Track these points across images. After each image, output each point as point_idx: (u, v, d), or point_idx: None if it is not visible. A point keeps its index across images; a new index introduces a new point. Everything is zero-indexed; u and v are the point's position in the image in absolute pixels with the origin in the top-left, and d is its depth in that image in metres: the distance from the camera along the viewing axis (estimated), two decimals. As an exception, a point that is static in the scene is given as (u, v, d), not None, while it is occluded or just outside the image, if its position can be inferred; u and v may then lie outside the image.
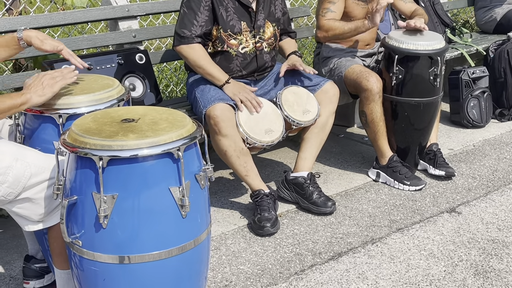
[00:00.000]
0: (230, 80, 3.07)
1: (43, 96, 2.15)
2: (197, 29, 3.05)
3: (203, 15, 3.05)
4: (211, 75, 3.08)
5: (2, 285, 2.64)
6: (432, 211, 3.23)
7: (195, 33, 3.05)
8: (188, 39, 3.05)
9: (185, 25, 3.06)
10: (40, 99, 2.15)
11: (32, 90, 2.14)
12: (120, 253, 1.91)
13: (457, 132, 4.35)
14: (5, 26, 3.13)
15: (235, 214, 3.22)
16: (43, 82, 2.17)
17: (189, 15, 3.06)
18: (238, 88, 3.05)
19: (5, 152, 2.03)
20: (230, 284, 2.62)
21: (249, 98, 3.01)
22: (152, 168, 1.88)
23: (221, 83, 3.07)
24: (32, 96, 2.13)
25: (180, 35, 3.06)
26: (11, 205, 2.08)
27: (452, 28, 4.66)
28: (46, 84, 2.16)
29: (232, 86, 3.06)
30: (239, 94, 3.02)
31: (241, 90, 3.05)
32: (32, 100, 2.12)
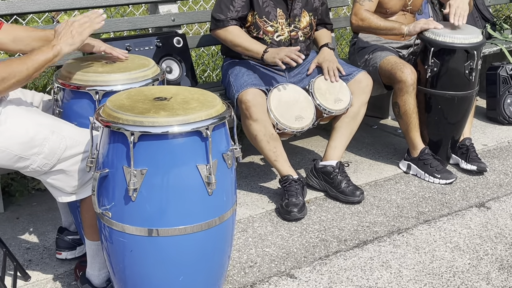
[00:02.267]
0: (268, 49, 3.07)
1: (73, 45, 2.19)
2: (232, 14, 3.09)
3: (240, 0, 3.09)
4: (249, 50, 3.10)
5: (36, 254, 2.75)
6: (461, 205, 3.22)
7: (231, 17, 3.09)
8: (224, 23, 3.09)
9: (221, 9, 3.10)
10: (71, 47, 2.18)
11: (61, 40, 2.18)
12: (148, 226, 1.98)
13: (493, 128, 4.31)
14: (49, 5, 3.23)
15: (263, 198, 3.27)
16: (72, 31, 2.19)
17: (226, 0, 3.10)
18: (276, 51, 3.04)
19: (42, 125, 2.11)
20: (255, 265, 2.67)
21: (287, 53, 2.98)
22: (180, 145, 1.94)
23: (260, 54, 3.07)
24: (62, 46, 2.16)
25: (216, 19, 3.11)
26: (46, 176, 2.17)
27: (492, 23, 4.61)
28: (75, 32, 2.19)
29: (270, 53, 3.05)
30: (277, 55, 3.00)
31: (278, 51, 3.03)
32: (63, 50, 2.16)
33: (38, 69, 2.10)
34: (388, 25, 3.43)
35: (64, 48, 2.16)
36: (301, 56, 3.00)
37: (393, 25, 3.43)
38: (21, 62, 2.07)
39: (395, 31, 3.44)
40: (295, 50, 3.01)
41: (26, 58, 2.09)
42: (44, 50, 2.13)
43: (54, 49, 2.14)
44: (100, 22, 2.26)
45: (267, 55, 3.05)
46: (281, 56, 2.99)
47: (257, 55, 3.09)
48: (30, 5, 3.18)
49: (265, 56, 3.06)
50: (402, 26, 3.41)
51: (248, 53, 3.11)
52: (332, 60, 3.23)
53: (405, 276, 2.60)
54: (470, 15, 4.44)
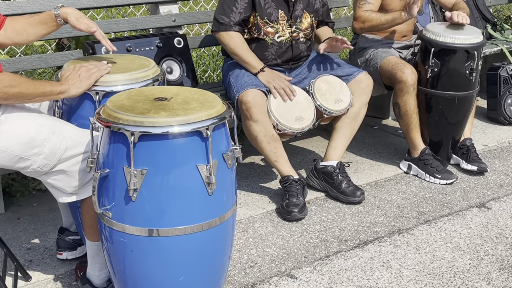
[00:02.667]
0: (265, 69, 3.12)
1: (80, 88, 2.26)
2: (235, 16, 3.10)
3: (243, 2, 3.10)
4: (246, 63, 3.13)
5: (37, 254, 2.75)
6: (462, 205, 3.22)
7: (234, 20, 3.10)
8: (226, 26, 3.10)
9: (224, 11, 3.10)
10: (78, 90, 2.25)
11: (70, 82, 2.25)
12: (148, 226, 1.99)
13: (493, 128, 4.31)
14: (50, 5, 3.22)
15: (264, 199, 3.27)
16: (80, 75, 2.27)
17: (229, 2, 3.10)
18: (272, 76, 3.10)
19: (43, 125, 2.12)
20: (255, 266, 2.67)
21: (282, 86, 3.06)
22: (181, 146, 1.94)
23: (256, 70, 3.11)
24: (70, 87, 2.24)
25: (219, 21, 3.12)
26: (46, 176, 2.18)
27: (493, 23, 4.61)
28: (83, 77, 2.27)
29: (266, 74, 3.10)
30: (273, 81, 3.06)
31: (275, 78, 3.09)
32: (70, 91, 2.24)
33: (41, 95, 2.15)
34: (388, 18, 3.40)
35: (72, 89, 2.24)
36: (294, 92, 3.07)
37: (393, 15, 3.39)
38: (31, 80, 2.14)
39: (398, 20, 3.38)
40: (289, 85, 3.08)
41: (36, 81, 2.16)
42: (53, 84, 2.22)
43: (62, 86, 2.22)
44: (107, 69, 2.34)
45: (263, 77, 3.10)
46: (276, 86, 3.05)
47: (253, 69, 3.12)
48: (31, 5, 3.19)
49: (260, 75, 3.11)
50: (401, 14, 3.36)
51: (244, 64, 3.14)
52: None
53: (405, 276, 2.60)
54: (471, 16, 4.44)
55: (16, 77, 2.07)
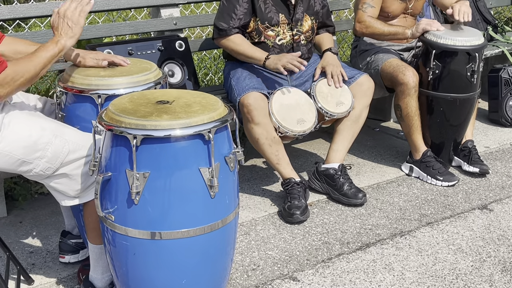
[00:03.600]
0: (269, 56, 3.09)
1: (74, 36, 2.19)
2: (235, 22, 3.10)
3: (242, 8, 3.10)
4: (252, 57, 3.12)
5: (40, 258, 2.76)
6: (464, 207, 3.22)
7: (233, 26, 3.10)
8: (226, 32, 3.11)
9: (223, 18, 3.11)
10: (73, 39, 2.19)
11: (62, 34, 2.17)
12: (151, 229, 1.99)
13: (495, 130, 4.31)
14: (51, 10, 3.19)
15: (266, 201, 3.27)
16: (68, 22, 2.18)
17: (228, 8, 3.11)
18: (278, 58, 3.06)
19: (45, 129, 2.12)
20: (258, 268, 2.67)
21: (289, 60, 3.01)
22: (183, 149, 1.95)
23: (262, 61, 3.09)
24: (66, 41, 2.17)
25: (219, 28, 3.12)
26: (49, 180, 2.18)
27: (494, 25, 4.61)
28: (71, 23, 2.18)
29: (271, 60, 3.06)
30: (279, 61, 3.02)
31: (280, 57, 3.05)
32: (67, 44, 2.17)
33: (45, 65, 2.11)
34: (392, 30, 3.44)
35: (67, 41, 2.17)
36: (303, 62, 3.01)
37: (396, 29, 3.45)
38: (28, 60, 2.08)
39: (399, 36, 3.45)
40: (296, 57, 3.02)
41: (32, 56, 2.10)
42: (49, 46, 2.14)
43: (58, 44, 2.15)
44: (89, 2, 2.24)
45: (269, 62, 3.06)
46: (283, 63, 3.01)
47: (259, 61, 3.10)
48: (33, 9, 3.20)
49: (266, 62, 3.07)
50: (405, 30, 3.43)
51: (250, 60, 3.13)
52: (336, 65, 3.23)
53: (408, 278, 2.60)
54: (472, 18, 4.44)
55: (17, 67, 2.04)
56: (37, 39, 3.10)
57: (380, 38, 3.54)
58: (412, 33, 3.41)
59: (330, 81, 3.18)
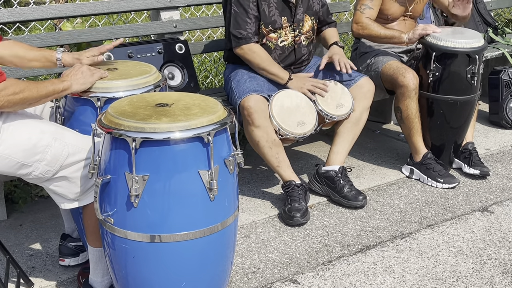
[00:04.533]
0: (292, 76, 3.14)
1: (83, 85, 2.27)
2: (251, 27, 3.10)
3: (253, 11, 3.10)
4: (274, 75, 3.15)
5: (39, 261, 2.75)
6: (464, 209, 3.22)
7: (251, 31, 3.10)
8: (246, 40, 3.10)
9: (239, 25, 3.10)
10: (81, 87, 2.26)
11: (72, 78, 2.26)
12: (150, 232, 1.99)
13: (495, 132, 4.31)
14: (52, 13, 3.25)
15: (266, 204, 3.27)
16: (83, 72, 2.28)
17: (241, 14, 3.10)
18: (302, 81, 3.14)
19: (45, 132, 2.12)
20: (258, 271, 2.67)
21: (314, 84, 3.11)
22: (182, 151, 1.95)
23: (285, 81, 3.14)
24: (73, 83, 2.24)
25: (237, 37, 3.10)
26: (48, 183, 2.18)
27: (494, 27, 4.61)
28: (85, 74, 2.28)
29: (295, 81, 3.14)
30: (304, 86, 3.11)
31: (305, 81, 3.13)
32: (72, 87, 2.24)
33: (46, 96, 2.16)
34: (388, 34, 3.45)
35: (74, 85, 2.25)
36: (326, 84, 3.11)
37: (393, 33, 3.45)
38: (33, 84, 2.13)
39: (395, 40, 3.46)
40: (318, 81, 3.12)
41: (39, 83, 2.16)
42: (55, 82, 2.22)
43: (64, 83, 2.23)
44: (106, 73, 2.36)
45: (293, 84, 3.13)
46: (309, 87, 3.10)
47: (280, 80, 3.14)
48: (33, 13, 3.20)
49: (289, 83, 3.13)
50: (401, 35, 3.43)
51: (272, 77, 3.16)
52: (343, 55, 3.26)
53: (408, 281, 2.60)
54: (472, 20, 4.45)
55: (18, 84, 2.08)
56: (37, 42, 3.11)
57: (376, 40, 3.54)
58: (409, 38, 3.42)
59: (337, 67, 3.19)
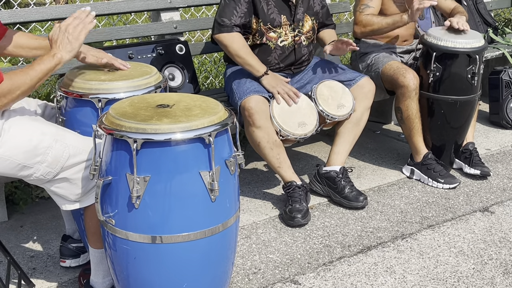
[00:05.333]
0: (268, 72, 3.12)
1: (73, 51, 2.18)
2: (236, 19, 3.10)
3: (243, 7, 3.10)
4: (250, 65, 3.12)
5: (40, 262, 2.75)
6: (465, 209, 3.22)
7: (234, 22, 3.09)
8: (228, 28, 3.10)
9: (225, 13, 3.10)
10: (70, 54, 2.18)
11: (60, 48, 2.17)
12: (151, 233, 1.99)
13: (496, 132, 4.31)
14: (52, 14, 3.25)
15: (267, 205, 3.27)
16: (68, 36, 2.18)
17: (230, 5, 3.10)
18: (276, 81, 3.10)
19: (45, 133, 2.12)
20: (259, 272, 2.67)
21: (286, 90, 3.06)
22: (183, 152, 1.95)
23: (260, 74, 3.10)
24: (63, 54, 2.16)
25: (220, 23, 3.11)
26: (49, 184, 2.17)
27: (494, 27, 4.61)
28: (71, 38, 2.18)
29: (270, 78, 3.10)
30: (277, 86, 3.07)
31: (278, 82, 3.09)
32: (64, 58, 2.16)
33: (41, 78, 2.11)
34: (389, 21, 3.41)
35: (64, 55, 2.16)
36: (298, 95, 3.08)
37: (393, 18, 3.40)
38: (24, 73, 2.08)
39: (398, 23, 3.40)
40: (292, 88, 3.09)
41: (28, 68, 2.10)
42: (45, 59, 2.13)
43: (55, 57, 2.14)
44: (92, 21, 2.24)
45: (266, 79, 3.10)
46: (280, 90, 3.06)
47: (256, 72, 3.11)
48: (33, 14, 3.20)
49: (264, 77, 3.10)
50: (403, 16, 3.36)
51: (248, 67, 3.12)
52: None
53: (409, 281, 2.59)
54: (472, 20, 4.45)
55: (13, 81, 2.04)
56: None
57: (382, 32, 3.50)
58: (409, 16, 3.34)
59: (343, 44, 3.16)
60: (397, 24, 3.41)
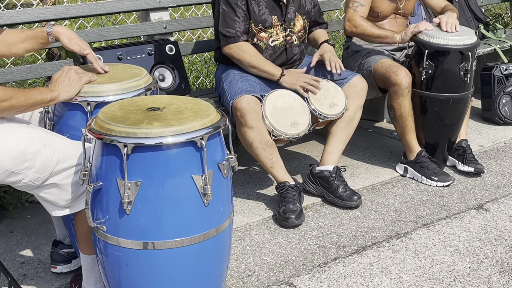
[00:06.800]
0: (284, 72, 3.10)
1: (70, 92, 2.22)
2: (240, 26, 3.06)
3: (241, 10, 3.06)
4: (266, 72, 3.11)
5: (31, 268, 2.71)
6: (460, 207, 3.20)
7: (240, 30, 3.06)
8: (235, 38, 3.07)
9: (227, 23, 3.06)
10: (68, 94, 2.22)
11: (60, 87, 2.21)
12: (143, 239, 1.95)
13: (488, 129, 4.29)
14: (39, 15, 3.19)
15: (260, 206, 3.23)
16: (70, 77, 2.23)
17: (229, 13, 3.06)
18: (293, 78, 3.09)
19: (34, 138, 2.07)
20: (253, 274, 2.64)
21: (307, 81, 3.06)
22: (175, 156, 1.91)
23: (277, 77, 3.10)
24: (60, 93, 2.20)
25: (226, 35, 3.07)
26: (38, 190, 2.13)
27: (485, 23, 4.59)
28: (72, 80, 2.23)
29: (288, 78, 3.09)
30: (297, 82, 3.07)
31: (297, 77, 3.09)
32: (60, 97, 2.20)
33: (33, 105, 2.12)
34: (381, 33, 3.42)
35: (62, 95, 2.20)
36: (319, 80, 3.07)
37: (386, 33, 3.42)
38: (22, 92, 2.09)
39: (388, 40, 3.43)
40: (311, 77, 3.07)
41: (27, 90, 2.11)
42: (44, 91, 2.17)
43: (52, 93, 2.18)
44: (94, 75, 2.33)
45: (285, 80, 3.09)
46: (302, 83, 3.05)
47: (272, 77, 3.10)
48: (20, 15, 3.14)
49: (282, 79, 3.09)
50: (395, 35, 3.40)
51: (264, 74, 3.12)
52: (334, 54, 3.23)
53: (405, 282, 2.57)
54: (463, 16, 4.43)
55: (6, 91, 2.03)
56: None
57: (369, 39, 3.52)
58: (402, 38, 3.39)
59: (328, 66, 3.16)
60: (386, 40, 3.44)
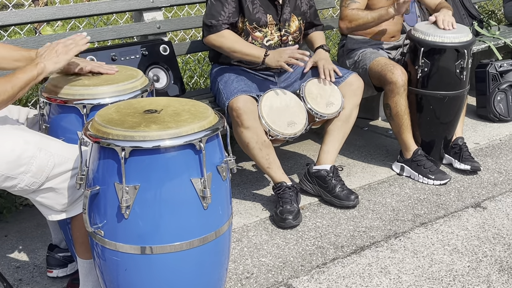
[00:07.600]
0: (268, 53, 3.04)
1: (58, 63, 2.15)
2: (224, 19, 3.04)
3: (230, 6, 3.04)
4: (249, 55, 3.06)
5: (27, 273, 2.68)
6: (457, 205, 3.19)
7: (223, 21, 3.04)
8: (216, 27, 3.04)
9: (212, 15, 3.04)
10: (55, 65, 2.15)
11: (46, 58, 2.14)
12: (142, 244, 1.92)
13: (484, 126, 4.29)
14: (31, 17, 3.16)
15: (257, 206, 3.21)
16: (57, 50, 2.16)
17: (217, 6, 3.04)
18: (278, 54, 3.02)
19: (29, 142, 2.04)
20: (252, 276, 2.62)
21: (290, 55, 2.98)
22: (174, 159, 1.88)
23: (261, 58, 3.04)
24: (46, 64, 2.12)
25: (208, 25, 3.05)
26: (34, 194, 2.10)
27: (479, 20, 4.59)
28: (60, 52, 2.16)
29: (272, 57, 3.03)
30: (280, 58, 3.00)
31: (281, 54, 3.01)
32: (47, 68, 2.12)
33: (23, 87, 2.05)
34: (375, 15, 3.37)
35: (48, 66, 2.12)
36: (305, 53, 2.99)
37: (379, 12, 3.35)
38: (6, 81, 2.01)
39: (384, 17, 3.36)
40: (295, 49, 2.98)
41: (11, 76, 2.04)
42: (28, 68, 2.08)
43: (38, 67, 2.09)
44: (85, 44, 2.24)
45: (269, 59, 3.02)
46: (286, 59, 2.97)
47: (257, 59, 3.04)
48: (12, 17, 3.11)
49: (266, 59, 3.03)
50: (388, 10, 3.32)
51: (247, 57, 3.06)
52: (328, 61, 3.20)
53: (404, 282, 2.56)
54: (457, 13, 4.42)
55: None
56: (17, 47, 3.02)
57: (368, 26, 3.46)
58: (395, 9, 3.31)
59: (322, 75, 3.13)
60: (383, 18, 3.37)
